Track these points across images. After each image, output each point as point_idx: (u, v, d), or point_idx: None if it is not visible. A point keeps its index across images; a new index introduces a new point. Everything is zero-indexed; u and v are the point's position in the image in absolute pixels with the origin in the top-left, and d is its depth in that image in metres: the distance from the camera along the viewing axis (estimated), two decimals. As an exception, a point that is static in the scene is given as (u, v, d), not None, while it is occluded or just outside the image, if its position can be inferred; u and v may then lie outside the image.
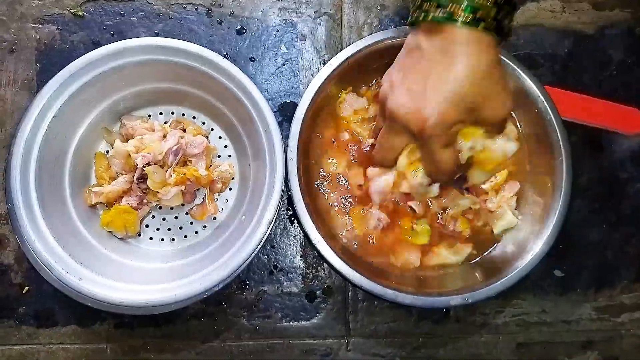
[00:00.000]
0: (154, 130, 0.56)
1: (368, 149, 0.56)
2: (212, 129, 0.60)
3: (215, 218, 0.58)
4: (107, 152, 0.58)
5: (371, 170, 0.53)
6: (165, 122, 0.58)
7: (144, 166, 0.53)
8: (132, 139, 0.55)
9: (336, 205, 0.58)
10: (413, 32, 0.41)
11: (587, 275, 0.61)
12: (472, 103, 0.39)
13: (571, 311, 0.61)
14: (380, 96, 0.45)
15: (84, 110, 0.55)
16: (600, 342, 0.61)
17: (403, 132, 0.43)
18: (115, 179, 0.56)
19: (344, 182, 0.58)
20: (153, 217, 0.58)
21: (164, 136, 0.55)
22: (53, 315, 0.58)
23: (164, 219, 0.58)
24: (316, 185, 0.58)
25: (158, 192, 0.53)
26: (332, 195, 0.58)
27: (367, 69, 0.58)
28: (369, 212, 0.56)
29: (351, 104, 0.58)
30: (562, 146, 0.54)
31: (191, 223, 0.58)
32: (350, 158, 0.58)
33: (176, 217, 0.58)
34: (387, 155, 0.47)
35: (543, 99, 0.55)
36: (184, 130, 0.57)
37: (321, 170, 0.58)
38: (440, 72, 0.38)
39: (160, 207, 0.58)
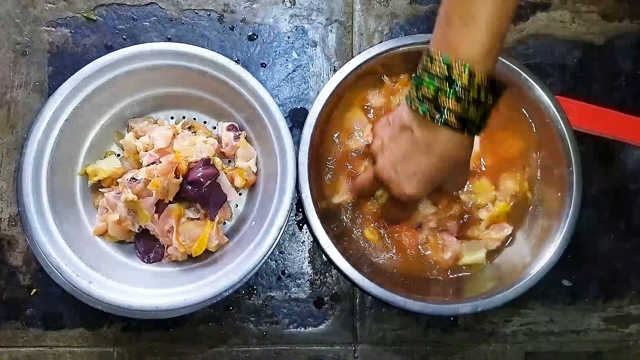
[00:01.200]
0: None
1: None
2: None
3: (225, 223, 0.58)
4: (119, 155, 0.58)
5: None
6: (176, 123, 0.58)
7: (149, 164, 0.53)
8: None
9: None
10: (407, 109, 0.46)
11: (595, 286, 0.61)
12: (440, 184, 0.49)
13: (580, 321, 0.61)
14: (371, 149, 0.52)
15: (96, 113, 0.55)
16: (609, 352, 0.61)
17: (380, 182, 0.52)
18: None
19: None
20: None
21: (174, 135, 0.55)
22: (60, 317, 0.58)
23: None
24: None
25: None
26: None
27: (378, 76, 0.59)
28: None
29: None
30: (572, 156, 0.55)
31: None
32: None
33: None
34: (366, 189, 0.56)
35: (554, 109, 0.55)
36: (194, 133, 0.57)
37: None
38: (423, 161, 0.46)
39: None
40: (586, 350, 0.61)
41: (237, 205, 0.59)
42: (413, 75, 0.45)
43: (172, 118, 0.60)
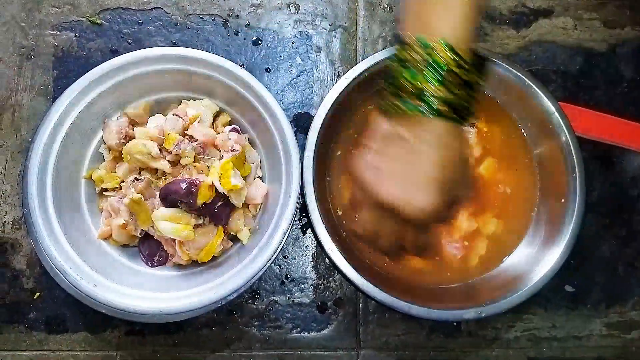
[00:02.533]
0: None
1: None
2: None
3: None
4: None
5: None
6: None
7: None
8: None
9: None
10: (386, 119, 0.43)
11: (598, 291, 0.61)
12: (451, 187, 0.43)
13: (582, 327, 0.61)
14: (363, 180, 0.45)
15: (102, 117, 0.55)
16: (611, 358, 0.61)
17: (386, 211, 0.45)
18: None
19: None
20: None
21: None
22: (64, 321, 0.58)
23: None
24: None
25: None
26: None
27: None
28: None
29: None
30: (576, 162, 0.55)
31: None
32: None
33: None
34: (369, 226, 0.49)
35: (557, 115, 0.56)
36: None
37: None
38: (423, 163, 0.41)
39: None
40: (589, 355, 0.61)
41: (241, 210, 0.59)
42: (384, 79, 0.42)
43: (176, 122, 0.60)
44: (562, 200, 0.56)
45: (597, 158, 0.63)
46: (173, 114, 0.54)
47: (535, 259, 0.56)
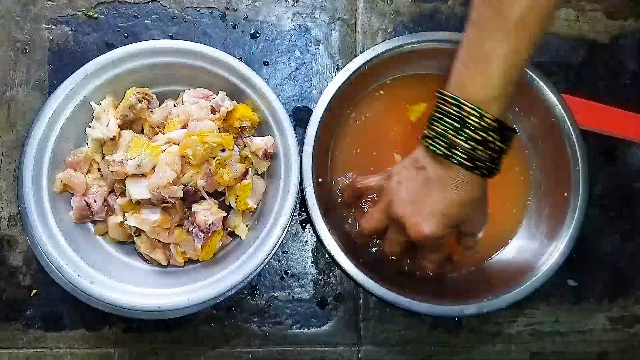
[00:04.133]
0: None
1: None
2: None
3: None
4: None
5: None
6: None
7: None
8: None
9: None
10: (423, 149, 0.49)
11: (600, 285, 0.61)
12: (457, 222, 0.49)
13: (585, 321, 0.60)
14: (387, 188, 0.51)
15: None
16: (614, 352, 0.60)
17: (396, 225, 0.51)
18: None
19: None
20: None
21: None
22: (61, 318, 0.57)
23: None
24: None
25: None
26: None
27: (383, 75, 0.58)
28: None
29: None
30: (579, 155, 0.54)
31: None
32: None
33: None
34: (376, 228, 0.53)
35: (560, 107, 0.55)
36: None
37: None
38: (438, 198, 0.47)
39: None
40: (592, 350, 0.60)
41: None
42: (429, 115, 0.48)
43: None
44: (565, 194, 0.55)
45: (600, 151, 0.62)
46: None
47: (538, 253, 0.55)
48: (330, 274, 0.59)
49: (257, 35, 0.62)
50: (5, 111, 0.59)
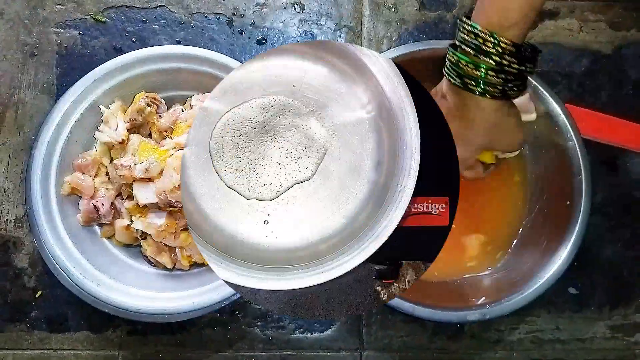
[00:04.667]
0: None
1: None
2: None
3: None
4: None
5: None
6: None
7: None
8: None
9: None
10: (445, 79, 0.49)
11: (602, 294, 0.61)
12: (483, 145, 0.50)
13: (586, 329, 0.61)
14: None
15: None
16: (615, 361, 0.61)
17: None
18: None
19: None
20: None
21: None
22: (66, 320, 0.57)
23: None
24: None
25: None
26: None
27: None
28: None
29: None
30: (582, 164, 0.55)
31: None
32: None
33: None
34: None
35: (564, 117, 0.55)
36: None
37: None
38: (458, 125, 0.47)
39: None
40: (592, 358, 0.61)
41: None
42: (448, 46, 0.48)
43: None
44: (568, 202, 0.55)
45: (601, 160, 0.63)
46: None
47: (540, 261, 0.55)
48: (334, 279, 0.60)
49: (264, 41, 0.63)
50: (13, 113, 0.60)
